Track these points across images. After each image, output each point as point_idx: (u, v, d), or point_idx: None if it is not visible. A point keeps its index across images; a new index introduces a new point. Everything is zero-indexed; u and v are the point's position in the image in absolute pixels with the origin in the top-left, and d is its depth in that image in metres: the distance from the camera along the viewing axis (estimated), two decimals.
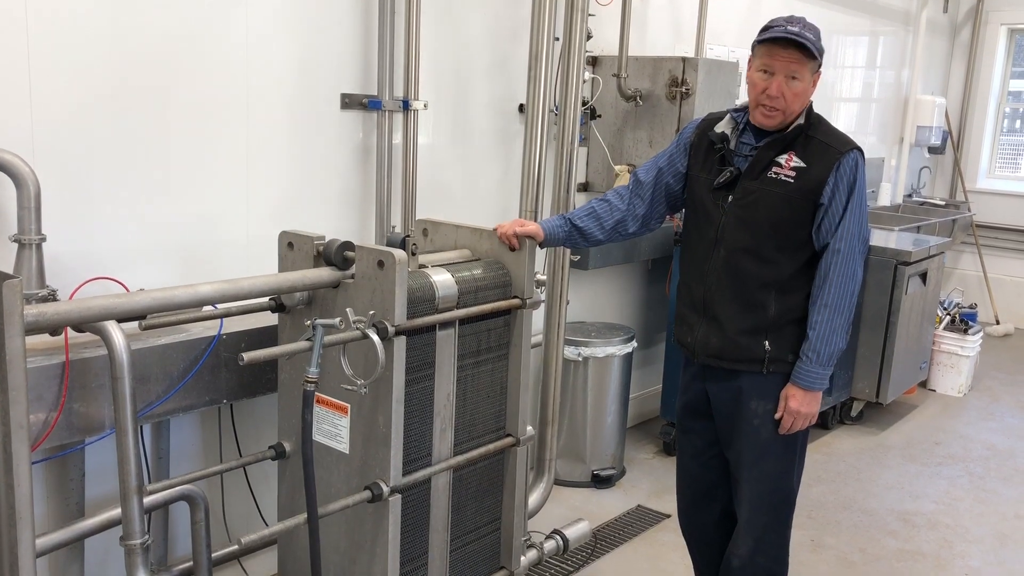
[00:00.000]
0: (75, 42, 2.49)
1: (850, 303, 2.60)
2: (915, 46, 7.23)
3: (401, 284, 2.24)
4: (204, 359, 2.53)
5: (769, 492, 2.75)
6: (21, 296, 1.67)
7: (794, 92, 2.54)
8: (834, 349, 2.60)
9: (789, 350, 2.65)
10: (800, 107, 2.59)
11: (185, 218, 2.82)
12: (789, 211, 2.58)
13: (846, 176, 2.56)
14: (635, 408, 4.79)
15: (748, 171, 2.63)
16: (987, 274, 7.66)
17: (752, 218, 2.61)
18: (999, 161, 8.17)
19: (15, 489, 1.72)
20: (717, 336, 2.69)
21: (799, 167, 2.57)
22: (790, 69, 2.53)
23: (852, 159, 2.57)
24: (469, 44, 3.64)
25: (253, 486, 3.03)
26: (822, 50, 2.56)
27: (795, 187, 2.57)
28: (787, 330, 2.64)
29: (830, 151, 2.57)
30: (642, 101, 4.24)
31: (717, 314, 2.68)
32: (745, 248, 2.61)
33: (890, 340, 5.04)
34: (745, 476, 2.76)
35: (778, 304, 2.63)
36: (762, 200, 2.60)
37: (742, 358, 2.67)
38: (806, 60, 2.52)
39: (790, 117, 2.59)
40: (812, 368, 2.60)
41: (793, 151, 2.59)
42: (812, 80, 2.59)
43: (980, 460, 4.84)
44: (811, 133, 2.61)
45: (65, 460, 2.52)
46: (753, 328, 2.65)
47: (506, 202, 3.90)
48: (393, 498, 2.35)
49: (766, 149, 2.61)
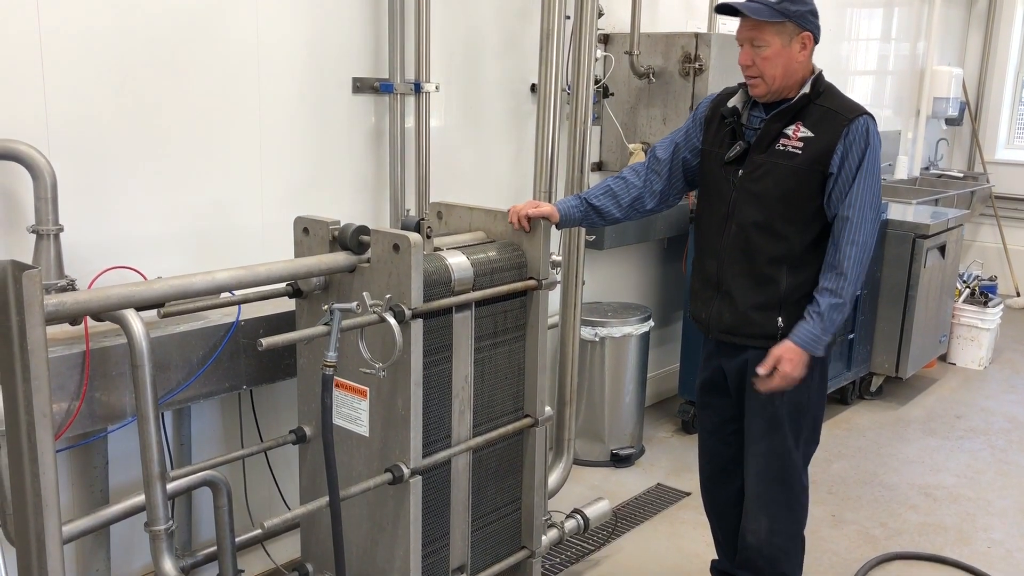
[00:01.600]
0: (87, 33, 2.49)
1: (859, 272, 2.54)
2: (931, 16, 7.13)
3: (417, 267, 2.24)
4: (223, 346, 2.55)
5: (777, 468, 2.75)
6: (41, 286, 1.68)
7: (763, 57, 2.51)
8: (839, 316, 2.55)
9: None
10: (779, 72, 2.53)
11: (200, 205, 2.82)
12: (797, 183, 2.55)
13: (856, 143, 2.51)
14: (653, 387, 4.79)
15: (756, 144, 2.62)
16: (1007, 246, 7.58)
17: (761, 192, 2.59)
18: (1018, 131, 8.07)
19: (40, 478, 1.74)
20: (729, 311, 2.69)
21: (806, 137, 2.54)
22: (747, 36, 2.53)
23: (862, 124, 2.52)
24: (480, 24, 3.62)
25: (274, 471, 3.05)
26: (788, 11, 2.48)
27: (803, 158, 2.54)
28: (800, 306, 2.61)
29: (837, 118, 2.53)
30: (655, 78, 4.21)
31: (730, 289, 2.67)
32: (755, 222, 2.60)
33: (909, 314, 5.01)
34: (752, 451, 2.77)
35: (790, 279, 2.60)
36: (770, 173, 2.58)
37: (755, 334, 2.66)
38: (763, 25, 2.49)
39: (774, 84, 2.55)
40: (815, 329, 2.54)
41: (801, 121, 2.56)
42: (792, 43, 2.52)
43: (1002, 433, 4.82)
44: (819, 102, 2.58)
45: (88, 448, 2.55)
46: (765, 303, 2.63)
47: (520, 183, 3.88)
48: (414, 480, 2.36)
49: (773, 121, 2.60)
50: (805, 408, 2.72)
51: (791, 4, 2.49)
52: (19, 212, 2.43)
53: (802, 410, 2.72)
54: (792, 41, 2.52)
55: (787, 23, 2.49)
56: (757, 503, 2.80)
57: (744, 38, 2.55)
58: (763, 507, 2.79)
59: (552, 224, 2.70)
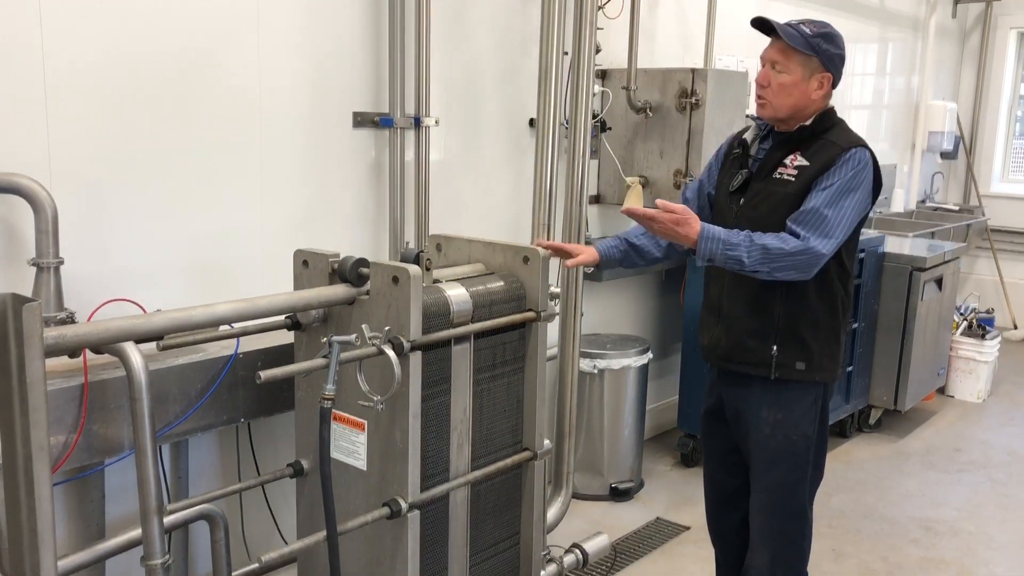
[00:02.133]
0: (90, 68, 2.52)
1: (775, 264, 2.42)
2: (925, 52, 7.21)
3: (416, 299, 2.25)
4: (221, 378, 2.54)
5: (781, 502, 2.74)
6: (40, 319, 1.68)
7: (779, 83, 2.55)
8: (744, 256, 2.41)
9: (798, 357, 2.63)
10: (789, 102, 2.56)
11: (201, 238, 2.84)
12: (789, 210, 2.54)
13: (844, 167, 2.50)
14: (652, 420, 4.77)
15: (757, 173, 2.66)
16: (1003, 279, 7.61)
17: (758, 219, 2.59)
18: (1012, 165, 8.13)
19: (36, 511, 1.73)
20: (726, 337, 2.71)
21: (802, 165, 2.56)
22: (772, 58, 2.58)
23: (855, 154, 2.52)
24: (479, 60, 3.66)
25: (272, 504, 3.03)
26: (818, 48, 2.53)
27: (796, 185, 2.55)
28: (796, 335, 2.62)
29: (833, 148, 2.54)
30: (652, 113, 4.25)
31: (728, 315, 2.69)
32: None
33: (907, 346, 5.01)
34: (756, 485, 2.76)
35: (785, 307, 2.60)
36: (766, 200, 2.60)
37: (749, 360, 2.67)
38: (790, 51, 2.53)
39: (781, 111, 2.58)
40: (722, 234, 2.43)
41: (800, 151, 2.59)
42: (811, 79, 2.56)
43: (1002, 466, 4.80)
44: (823, 135, 2.59)
45: (85, 481, 2.54)
46: (760, 330, 2.64)
47: (518, 215, 3.90)
48: (412, 514, 2.35)
49: (774, 150, 2.64)
50: (808, 442, 2.71)
51: (824, 41, 2.55)
52: (20, 245, 2.44)
53: (806, 444, 2.70)
54: (812, 77, 2.56)
55: (814, 58, 2.54)
56: (760, 537, 2.78)
57: (768, 59, 2.60)
58: (766, 542, 2.77)
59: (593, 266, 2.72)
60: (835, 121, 2.64)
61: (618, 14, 4.14)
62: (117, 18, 2.55)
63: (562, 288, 3.42)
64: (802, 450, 2.70)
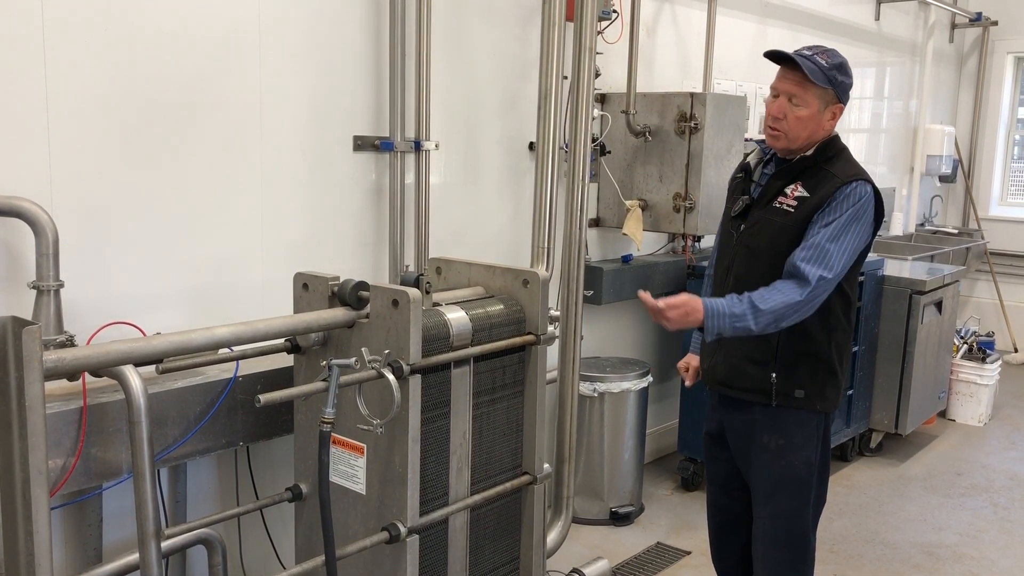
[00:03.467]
0: (92, 92, 2.53)
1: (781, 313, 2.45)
2: (922, 76, 7.26)
3: (415, 323, 2.25)
4: (220, 402, 2.54)
5: (784, 531, 2.74)
6: (40, 343, 1.69)
7: (797, 116, 2.55)
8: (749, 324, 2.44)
9: (797, 384, 2.64)
10: (805, 134, 2.57)
11: (201, 261, 2.84)
12: (788, 241, 2.56)
13: (845, 202, 2.51)
14: (652, 443, 4.76)
15: (758, 200, 2.68)
16: (1003, 302, 7.61)
17: (756, 246, 2.63)
18: (1011, 188, 8.16)
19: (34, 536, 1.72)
20: (725, 363, 2.73)
21: (802, 196, 2.57)
22: (789, 91, 2.56)
23: (854, 188, 2.52)
24: (479, 84, 3.69)
25: (270, 528, 3.02)
26: (835, 80, 2.55)
27: (795, 216, 2.56)
28: (796, 363, 2.63)
29: (833, 180, 2.55)
30: (651, 137, 4.27)
31: (726, 341, 2.65)
32: (749, 276, 2.61)
33: (907, 370, 5.00)
34: (758, 512, 2.76)
35: (784, 335, 2.60)
36: (764, 229, 2.62)
37: (748, 387, 2.68)
38: (808, 84, 2.53)
39: (795, 143, 2.59)
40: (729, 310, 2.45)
41: (801, 181, 2.59)
42: (825, 110, 2.58)
43: (1003, 490, 4.78)
44: (824, 164, 2.60)
45: (83, 505, 2.53)
46: (758, 358, 2.65)
47: (518, 239, 3.91)
48: (411, 539, 2.34)
49: (775, 179, 2.65)
50: (811, 469, 2.70)
51: (839, 74, 2.56)
52: (20, 268, 2.45)
53: (808, 471, 2.70)
54: (827, 108, 2.58)
55: (830, 91, 2.56)
56: (762, 565, 2.78)
57: (783, 91, 2.58)
58: (768, 569, 2.77)
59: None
60: (838, 150, 2.64)
61: (617, 39, 4.17)
62: (119, 44, 2.56)
63: (562, 311, 3.42)
64: (804, 476, 2.69)
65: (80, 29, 2.48)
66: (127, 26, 2.58)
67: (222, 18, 2.79)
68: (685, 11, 4.77)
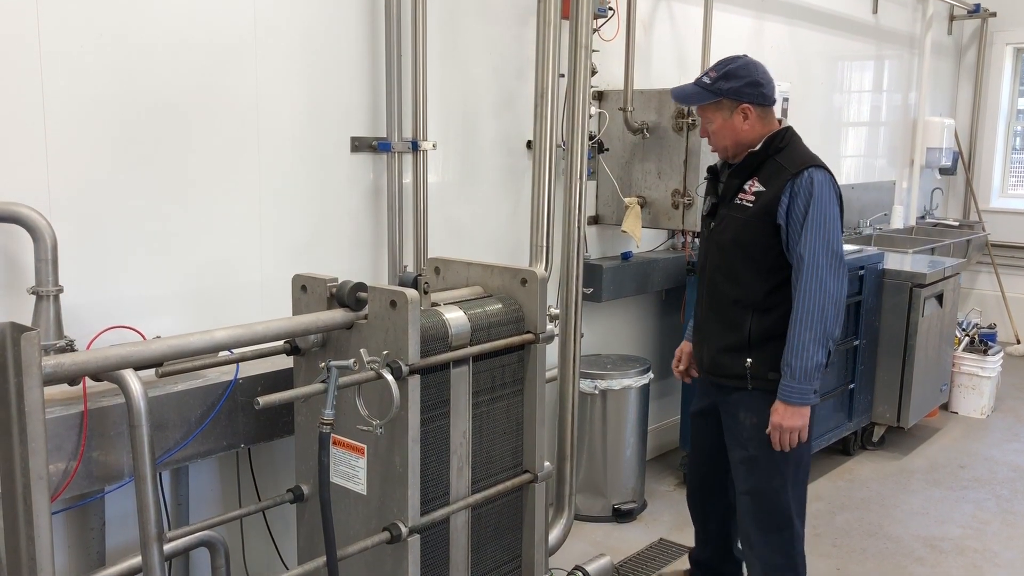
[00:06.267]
0: (89, 96, 2.54)
1: (820, 316, 2.67)
2: (921, 69, 7.25)
3: (414, 323, 2.26)
4: (221, 404, 2.55)
5: (766, 511, 2.90)
6: (39, 348, 1.69)
7: (712, 131, 2.87)
8: (808, 364, 2.67)
9: (770, 368, 2.80)
10: (729, 141, 2.84)
11: (200, 265, 2.85)
12: (750, 234, 2.79)
13: (800, 194, 2.71)
14: (654, 440, 4.76)
15: (722, 199, 2.92)
16: (1005, 294, 7.60)
17: (724, 242, 2.87)
18: (1012, 180, 8.15)
19: (36, 540, 1.73)
20: (707, 353, 2.99)
21: (759, 191, 2.79)
22: (698, 114, 2.94)
23: (806, 177, 2.72)
24: (476, 83, 3.69)
25: (272, 530, 3.02)
26: (720, 90, 2.79)
27: (753, 210, 2.78)
28: (768, 348, 2.80)
29: (784, 172, 2.75)
30: (649, 133, 4.27)
31: (706, 332, 2.98)
32: (719, 270, 2.89)
33: (909, 363, 5.00)
34: (740, 489, 2.96)
35: (756, 323, 2.81)
36: (729, 225, 2.86)
37: (727, 374, 2.91)
38: (703, 106, 2.86)
39: (730, 150, 2.87)
40: (788, 383, 2.71)
41: (756, 177, 2.81)
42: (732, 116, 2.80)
43: (1006, 482, 4.78)
44: (776, 158, 2.80)
45: (85, 509, 2.54)
46: (734, 346, 2.86)
47: (517, 237, 3.92)
48: (412, 538, 2.34)
49: (731, 178, 2.90)
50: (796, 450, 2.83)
51: (724, 82, 2.79)
52: (19, 274, 2.45)
53: (786, 452, 2.82)
54: (733, 114, 2.81)
55: (723, 100, 2.80)
56: (751, 549, 2.97)
57: (699, 117, 2.94)
58: (757, 554, 2.95)
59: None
60: (787, 142, 2.83)
61: (614, 36, 4.17)
62: (116, 49, 2.57)
63: (561, 309, 3.42)
64: (779, 455, 2.83)
65: (76, 34, 2.49)
66: (123, 31, 2.58)
67: (218, 22, 2.80)
68: (682, 7, 4.76)
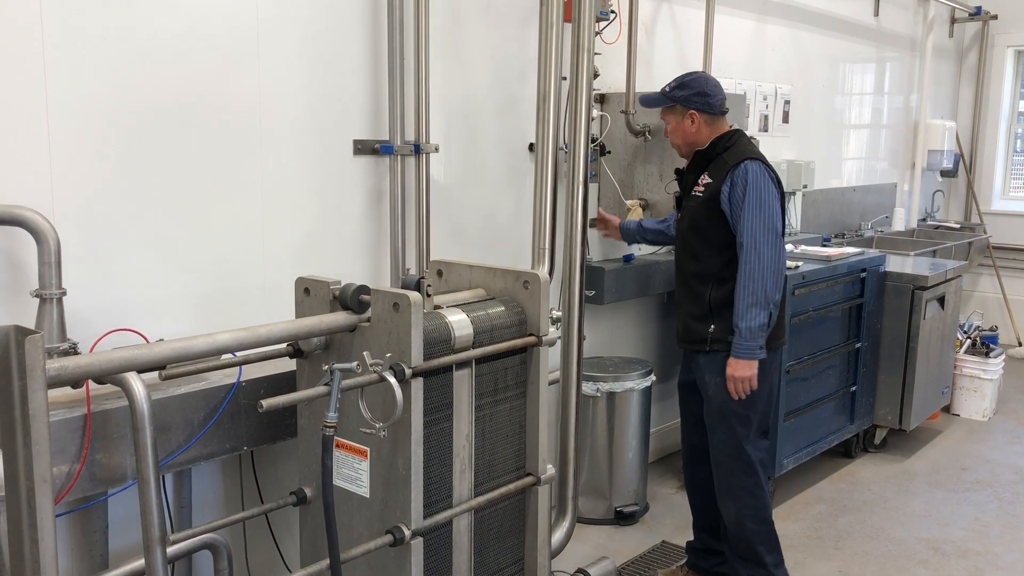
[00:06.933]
0: (92, 99, 2.54)
1: (761, 283, 3.11)
2: (922, 71, 7.25)
3: (417, 326, 2.26)
4: (224, 407, 2.55)
5: (733, 458, 3.30)
6: (43, 351, 1.69)
7: (669, 131, 3.41)
8: (753, 323, 3.12)
9: (729, 331, 3.20)
10: (680, 140, 3.36)
11: (203, 267, 2.85)
12: (703, 218, 3.27)
13: (739, 182, 3.16)
14: (656, 442, 4.76)
15: (683, 193, 3.43)
16: (1006, 296, 7.60)
17: (685, 229, 3.37)
18: (1013, 182, 8.15)
19: (39, 543, 1.73)
20: (680, 323, 3.42)
21: (707, 183, 3.26)
22: (662, 117, 3.44)
23: (742, 169, 3.16)
24: (478, 86, 3.69)
25: (275, 532, 3.03)
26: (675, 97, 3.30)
27: (703, 199, 3.26)
28: (726, 315, 3.22)
29: (726, 166, 3.21)
30: (651, 136, 4.27)
31: (679, 305, 3.44)
32: (683, 251, 3.38)
33: (911, 366, 5.00)
34: (711, 440, 3.36)
35: (714, 293, 3.26)
36: (687, 212, 3.35)
37: (694, 339, 3.33)
38: (665, 110, 3.38)
39: (684, 147, 3.38)
40: (737, 340, 3.16)
41: (706, 172, 3.29)
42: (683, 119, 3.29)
43: (1008, 485, 4.77)
44: (722, 155, 3.26)
45: (88, 512, 2.54)
46: (699, 314, 3.30)
47: (519, 240, 3.92)
48: (415, 541, 2.34)
49: (688, 174, 3.41)
50: (749, 404, 3.23)
51: (678, 91, 3.31)
52: (23, 277, 2.46)
53: (748, 404, 3.23)
54: (683, 118, 3.31)
55: (676, 106, 3.31)
56: (723, 493, 3.36)
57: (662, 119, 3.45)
58: (728, 494, 3.34)
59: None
60: (733, 142, 3.29)
61: (616, 39, 4.17)
62: (119, 52, 2.58)
63: (563, 312, 3.42)
64: (738, 409, 3.25)
65: (79, 36, 2.49)
66: (126, 33, 2.59)
67: (221, 25, 2.80)
68: (683, 10, 4.77)
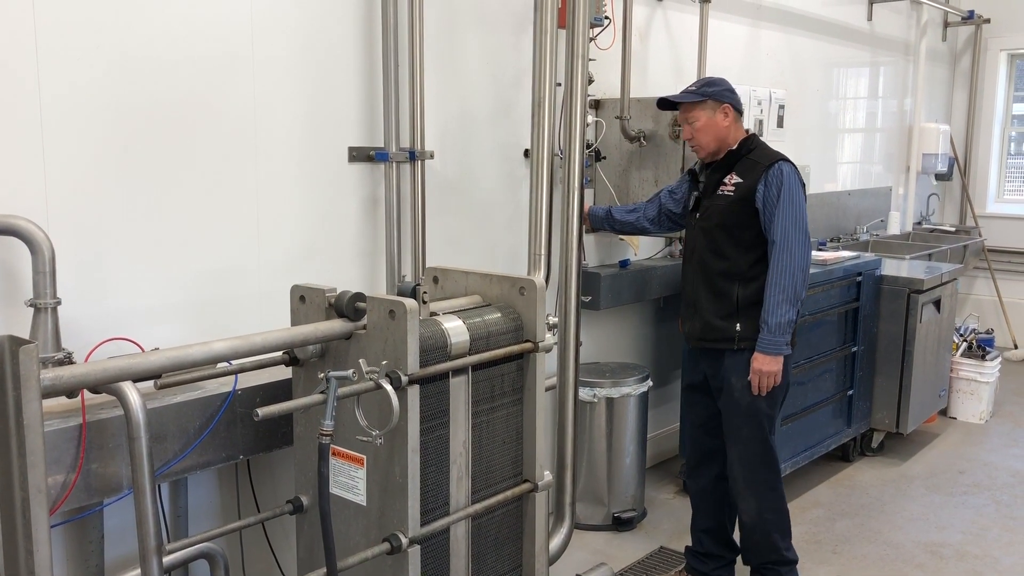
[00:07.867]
0: (86, 108, 2.54)
1: (791, 280, 3.18)
2: (916, 75, 7.27)
3: (413, 333, 2.25)
4: (220, 415, 2.54)
5: (758, 454, 3.36)
6: (38, 361, 1.69)
7: (697, 129, 3.33)
8: (782, 319, 3.19)
9: (755, 330, 3.25)
10: (711, 137, 3.31)
11: (198, 276, 2.84)
12: (733, 216, 3.29)
13: (773, 183, 3.22)
14: (653, 448, 4.75)
15: (703, 193, 3.43)
16: (1002, 299, 7.61)
17: (709, 227, 3.36)
18: (1007, 185, 8.16)
19: (34, 554, 1.72)
20: (700, 322, 3.41)
21: (737, 182, 3.30)
22: (684, 118, 3.39)
23: (776, 169, 3.24)
24: (473, 92, 3.69)
25: (272, 541, 3.02)
26: (706, 92, 3.29)
27: (735, 198, 3.29)
28: (754, 312, 3.26)
29: (758, 166, 3.27)
30: (646, 141, 4.27)
31: (698, 304, 3.41)
32: (708, 248, 3.36)
33: (907, 369, 5.01)
34: (733, 439, 3.39)
35: (742, 291, 3.30)
36: (714, 211, 3.35)
37: (719, 338, 3.34)
38: (689, 106, 3.33)
39: (711, 147, 3.34)
40: (765, 336, 3.22)
41: (733, 172, 3.32)
42: (715, 113, 3.29)
43: (1006, 487, 4.78)
44: (746, 155, 3.31)
45: (84, 522, 2.53)
46: (725, 312, 3.32)
47: (515, 246, 3.92)
48: (412, 549, 2.34)
49: (712, 174, 3.40)
50: (772, 400, 3.32)
51: (708, 87, 3.33)
52: (17, 286, 2.45)
53: (770, 402, 3.32)
54: (715, 113, 3.30)
55: (707, 101, 3.30)
56: (745, 487, 3.38)
57: (682, 120, 3.42)
58: (751, 490, 3.38)
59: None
60: (756, 144, 3.36)
61: (610, 45, 4.18)
62: (114, 59, 2.57)
63: (560, 318, 3.42)
64: (765, 408, 3.32)
65: (74, 45, 2.49)
66: (121, 43, 2.58)
67: (215, 33, 2.80)
68: (678, 15, 4.78)
